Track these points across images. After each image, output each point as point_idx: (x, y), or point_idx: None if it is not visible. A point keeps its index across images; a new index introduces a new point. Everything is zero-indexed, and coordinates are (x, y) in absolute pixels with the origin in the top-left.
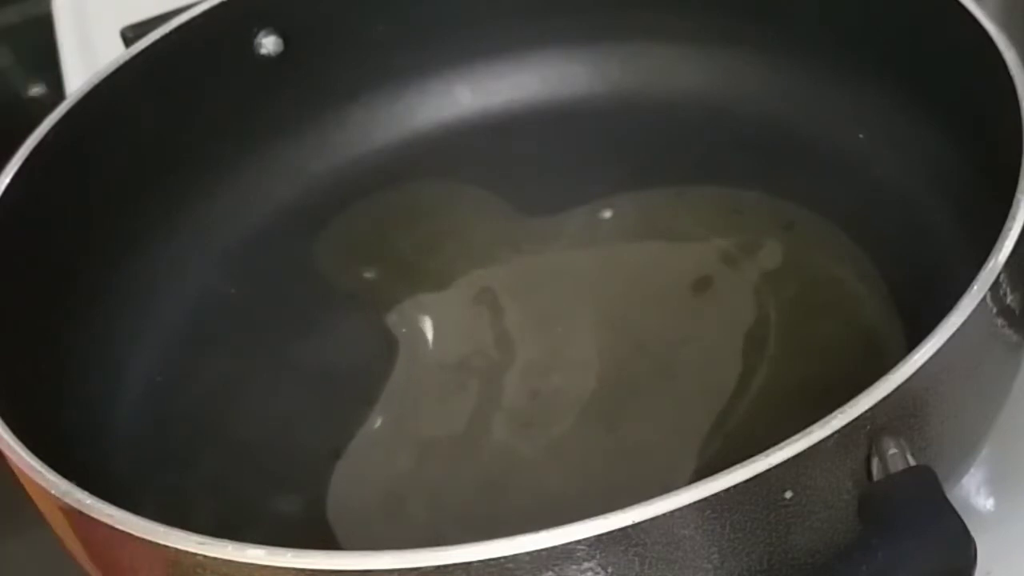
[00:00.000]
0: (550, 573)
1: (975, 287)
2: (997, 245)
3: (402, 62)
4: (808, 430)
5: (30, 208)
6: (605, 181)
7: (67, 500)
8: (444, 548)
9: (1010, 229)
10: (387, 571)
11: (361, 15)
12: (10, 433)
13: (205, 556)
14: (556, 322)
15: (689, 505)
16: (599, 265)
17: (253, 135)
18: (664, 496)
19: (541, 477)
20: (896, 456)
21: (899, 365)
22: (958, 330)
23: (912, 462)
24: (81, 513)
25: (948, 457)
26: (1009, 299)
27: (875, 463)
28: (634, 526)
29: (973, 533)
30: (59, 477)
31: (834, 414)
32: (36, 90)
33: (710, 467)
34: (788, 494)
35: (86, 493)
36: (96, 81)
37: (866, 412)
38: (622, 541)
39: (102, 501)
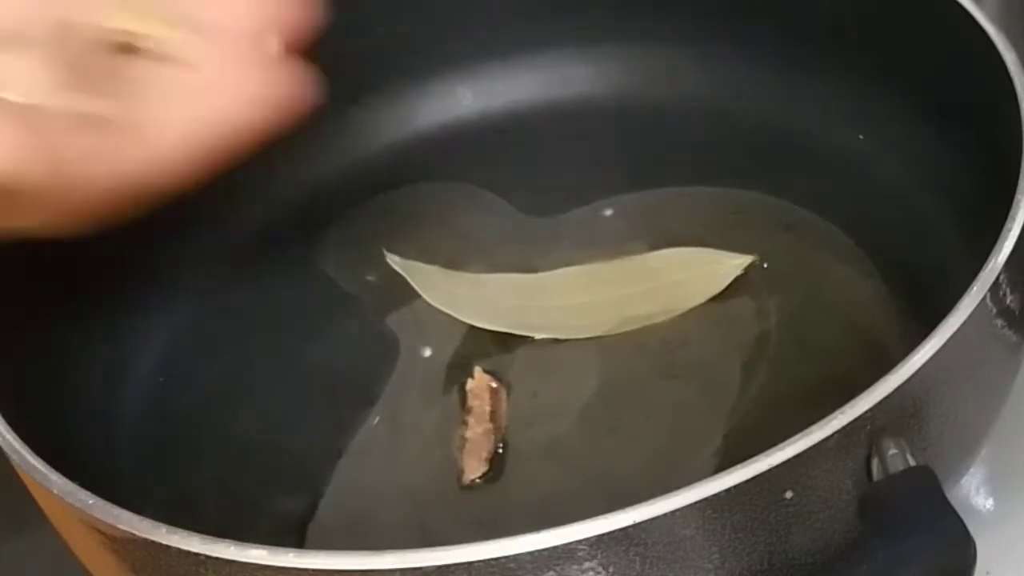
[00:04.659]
0: (551, 573)
1: (975, 287)
2: (997, 245)
3: (403, 64)
4: (808, 430)
5: None
6: (606, 182)
7: (70, 501)
8: (445, 548)
9: (1010, 229)
10: (388, 571)
11: (362, 17)
12: (13, 434)
13: (207, 556)
14: None
15: (690, 505)
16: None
17: None
18: (665, 496)
19: (541, 477)
20: (896, 456)
21: (899, 365)
22: (958, 330)
23: (912, 462)
24: (84, 513)
25: (948, 457)
26: (1009, 299)
27: (875, 463)
28: (635, 526)
29: (973, 533)
30: (62, 478)
31: (834, 414)
32: None
33: (711, 467)
34: (788, 494)
35: (89, 493)
36: None
37: (866, 412)
38: (623, 541)
39: (105, 501)
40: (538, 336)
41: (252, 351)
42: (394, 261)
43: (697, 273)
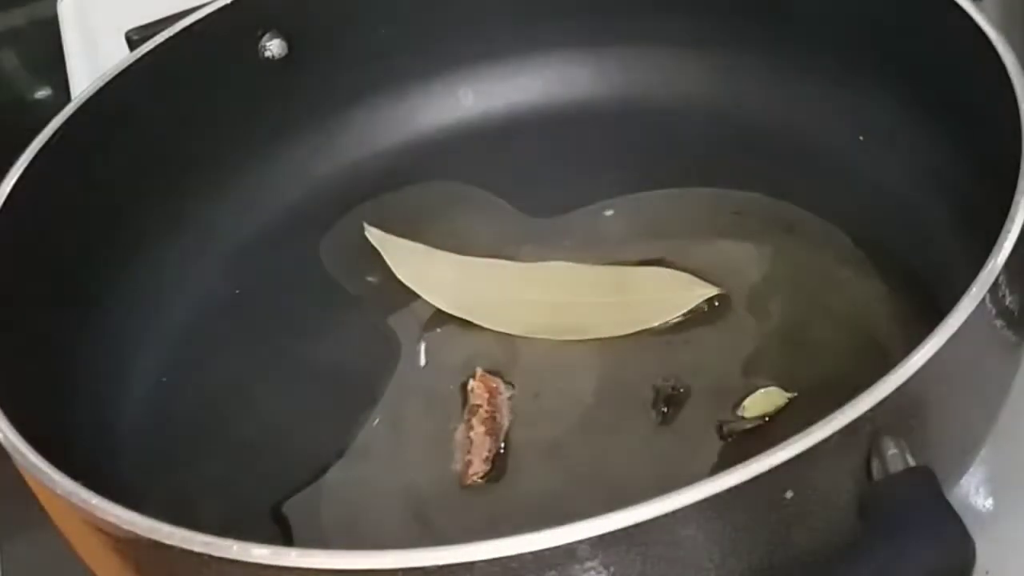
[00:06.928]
0: (552, 572)
1: (974, 288)
2: (997, 246)
3: (405, 65)
4: (808, 430)
5: (36, 210)
6: (607, 183)
7: (73, 500)
8: (447, 547)
9: (1009, 230)
10: (390, 570)
11: (365, 19)
12: (16, 434)
13: (210, 556)
14: None
15: (691, 505)
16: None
17: (257, 138)
18: (666, 496)
19: (543, 477)
20: (896, 456)
21: (899, 365)
22: (958, 331)
23: (912, 462)
24: (87, 513)
25: (947, 457)
26: (1008, 300)
27: (875, 463)
28: (636, 526)
29: (972, 533)
30: (65, 477)
31: (834, 414)
32: (41, 93)
33: (712, 467)
34: (789, 494)
35: (92, 493)
36: (101, 84)
37: (866, 412)
38: (624, 541)
39: (108, 501)
40: (487, 327)
41: (253, 351)
42: (371, 234)
43: (661, 296)
